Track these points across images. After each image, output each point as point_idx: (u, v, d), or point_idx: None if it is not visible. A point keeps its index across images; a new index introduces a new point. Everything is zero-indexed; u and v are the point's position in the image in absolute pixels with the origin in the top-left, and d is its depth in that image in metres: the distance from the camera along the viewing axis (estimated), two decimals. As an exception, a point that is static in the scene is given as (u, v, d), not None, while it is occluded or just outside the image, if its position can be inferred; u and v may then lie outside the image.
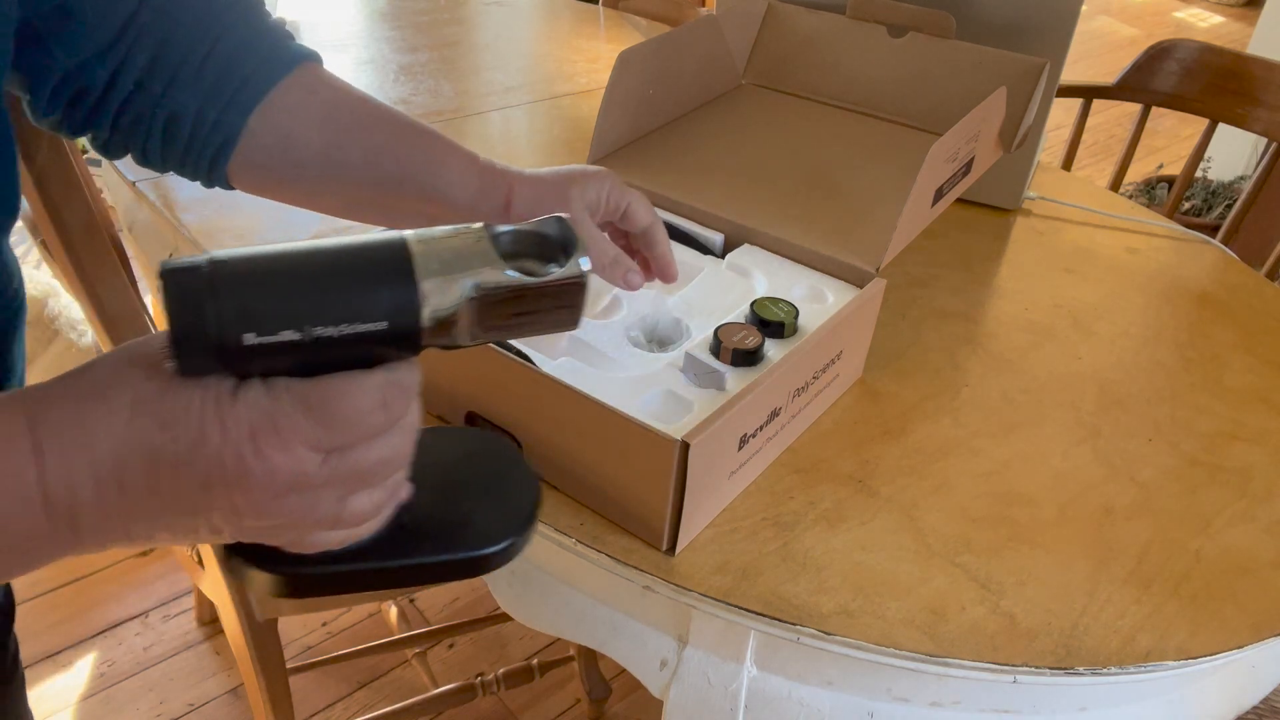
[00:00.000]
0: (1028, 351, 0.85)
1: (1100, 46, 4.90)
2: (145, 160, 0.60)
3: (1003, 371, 0.82)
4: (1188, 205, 2.72)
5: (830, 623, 0.58)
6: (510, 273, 0.36)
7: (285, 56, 0.59)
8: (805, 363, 0.66)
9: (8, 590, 0.62)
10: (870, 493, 0.68)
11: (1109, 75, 1.50)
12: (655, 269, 0.67)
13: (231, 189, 0.61)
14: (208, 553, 1.06)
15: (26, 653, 1.06)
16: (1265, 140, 1.39)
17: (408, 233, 0.36)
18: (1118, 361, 0.85)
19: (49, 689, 1.44)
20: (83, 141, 0.62)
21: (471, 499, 0.44)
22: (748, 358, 0.65)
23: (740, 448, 0.63)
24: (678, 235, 0.82)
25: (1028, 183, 1.09)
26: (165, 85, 0.56)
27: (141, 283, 1.30)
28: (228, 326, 0.32)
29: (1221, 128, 1.41)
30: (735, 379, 0.64)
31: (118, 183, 1.05)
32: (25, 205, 0.87)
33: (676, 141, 0.95)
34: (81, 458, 0.32)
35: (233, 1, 0.58)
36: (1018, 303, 0.93)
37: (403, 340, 0.36)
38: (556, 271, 0.37)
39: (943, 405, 0.77)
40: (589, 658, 1.42)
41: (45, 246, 0.92)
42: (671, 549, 0.61)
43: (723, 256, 0.79)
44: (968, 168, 0.86)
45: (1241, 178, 2.84)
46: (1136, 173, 3.04)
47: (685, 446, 0.56)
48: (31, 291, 1.75)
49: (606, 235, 0.65)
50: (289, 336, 0.33)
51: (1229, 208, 2.65)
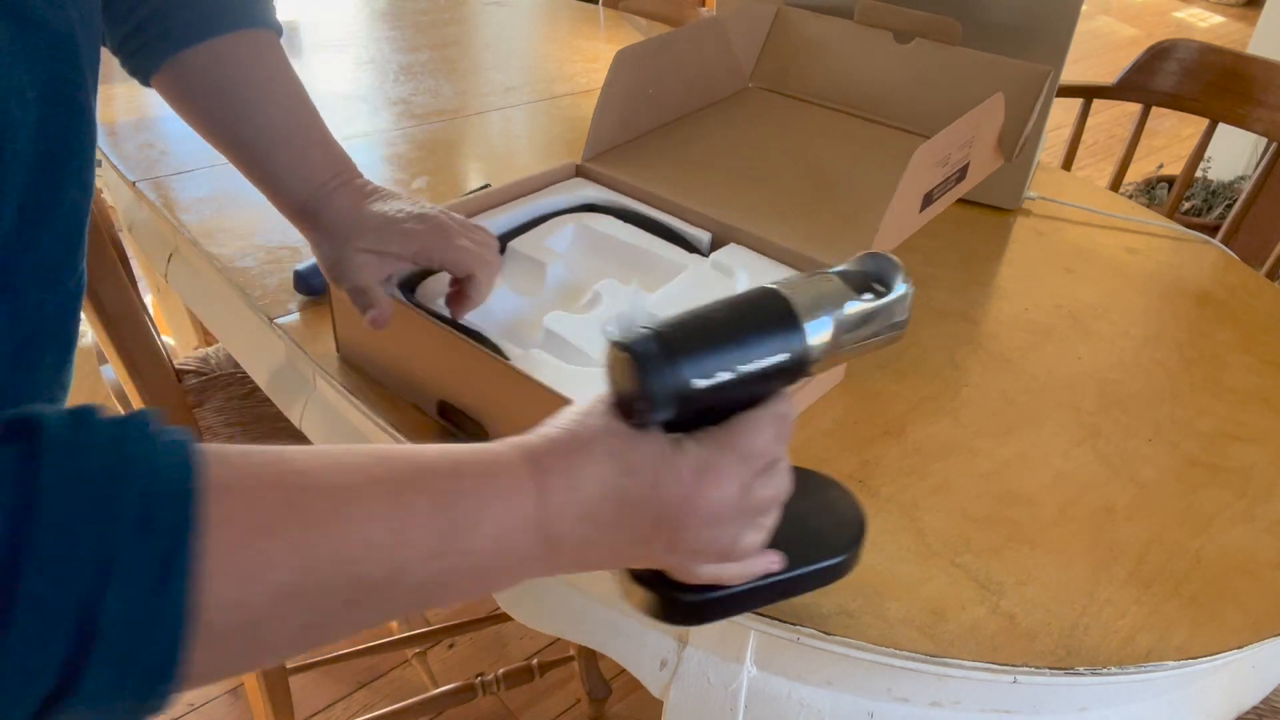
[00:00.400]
0: (1028, 351, 0.85)
1: (1100, 46, 4.90)
2: None
3: (1003, 371, 0.82)
4: (1188, 205, 2.72)
5: (830, 623, 0.58)
6: (861, 300, 0.47)
7: (213, 22, 0.66)
8: None
9: None
10: (870, 493, 0.68)
11: (1109, 75, 1.50)
12: (453, 309, 0.69)
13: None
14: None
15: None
16: (1265, 140, 1.39)
17: (777, 286, 0.47)
18: (1118, 361, 0.85)
19: (49, 689, 1.44)
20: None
21: (812, 519, 0.54)
22: None
23: None
24: (664, 233, 0.82)
25: (1028, 183, 1.09)
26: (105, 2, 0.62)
27: (141, 282, 1.30)
28: (683, 376, 0.42)
29: (1221, 128, 1.41)
30: None
31: (118, 183, 1.05)
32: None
33: (675, 141, 0.95)
34: (571, 498, 0.41)
35: None
36: (1018, 303, 0.93)
37: (795, 367, 0.46)
38: (894, 294, 0.48)
39: (943, 405, 0.77)
40: (589, 658, 1.42)
41: (45, 246, 0.92)
42: None
43: (709, 255, 0.79)
44: (962, 173, 0.86)
45: (1241, 178, 2.84)
46: (1136, 173, 3.04)
47: None
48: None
49: (382, 285, 0.67)
50: (723, 377, 0.43)
51: (1229, 208, 2.65)
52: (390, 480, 0.38)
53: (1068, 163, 1.51)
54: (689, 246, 0.81)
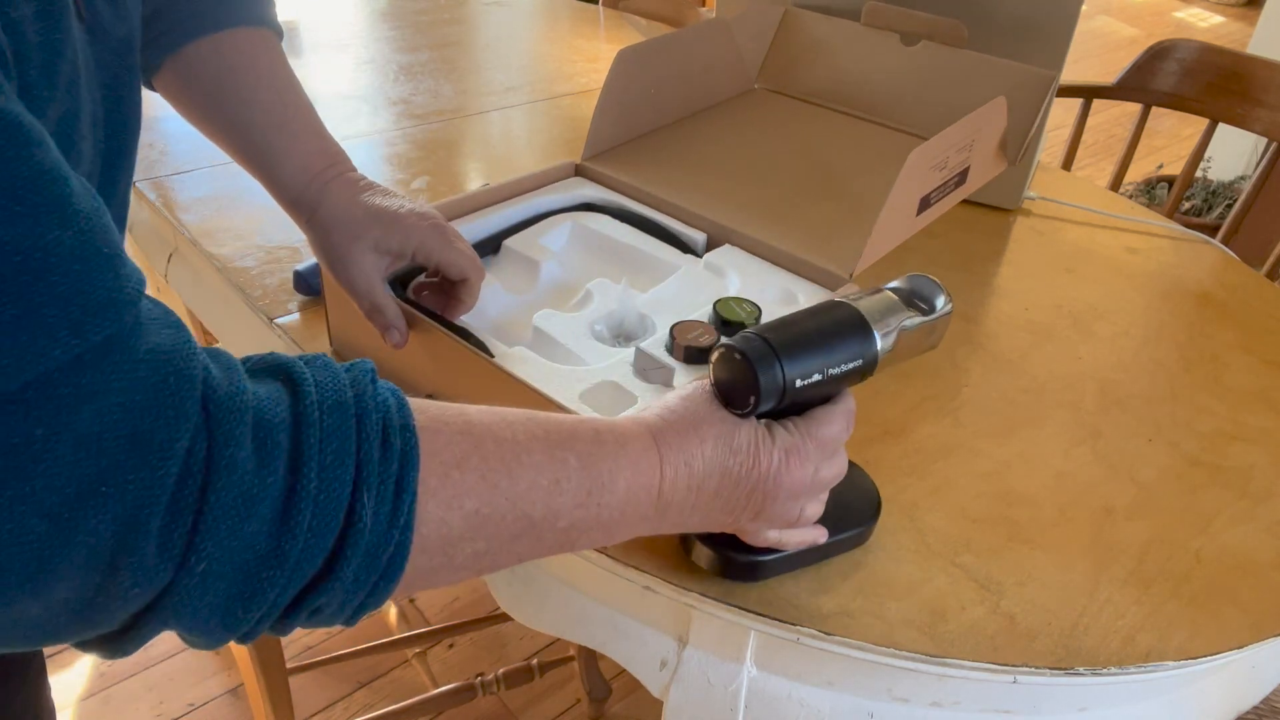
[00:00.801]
0: (1028, 351, 0.85)
1: (1100, 46, 4.90)
2: None
3: (1003, 371, 0.82)
4: (1188, 205, 2.72)
5: (830, 623, 0.58)
6: (917, 316, 0.56)
7: (215, 17, 0.67)
8: None
9: None
10: (870, 493, 0.68)
11: (1109, 75, 1.50)
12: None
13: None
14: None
15: (26, 653, 1.06)
16: (1265, 140, 1.39)
17: (847, 300, 0.55)
18: (1118, 361, 0.85)
19: (49, 689, 1.44)
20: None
21: (839, 493, 0.60)
22: (700, 355, 0.65)
23: None
24: (659, 233, 0.82)
25: (1028, 183, 1.09)
26: None
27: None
28: (788, 375, 0.50)
29: (1221, 128, 1.41)
30: (685, 376, 0.64)
31: (117, 183, 1.05)
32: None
33: (676, 141, 0.95)
34: (684, 471, 0.49)
35: None
36: (1018, 303, 0.93)
37: (867, 370, 0.54)
38: (939, 310, 0.57)
39: (943, 405, 0.77)
40: (589, 658, 1.42)
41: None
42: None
43: (703, 256, 0.79)
44: (961, 177, 0.85)
45: (1241, 178, 2.84)
46: (1136, 173, 3.04)
47: None
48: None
49: (385, 286, 0.67)
50: (815, 378, 0.52)
51: (1229, 208, 2.65)
52: (547, 439, 0.44)
53: (1068, 163, 1.51)
54: (684, 247, 0.81)
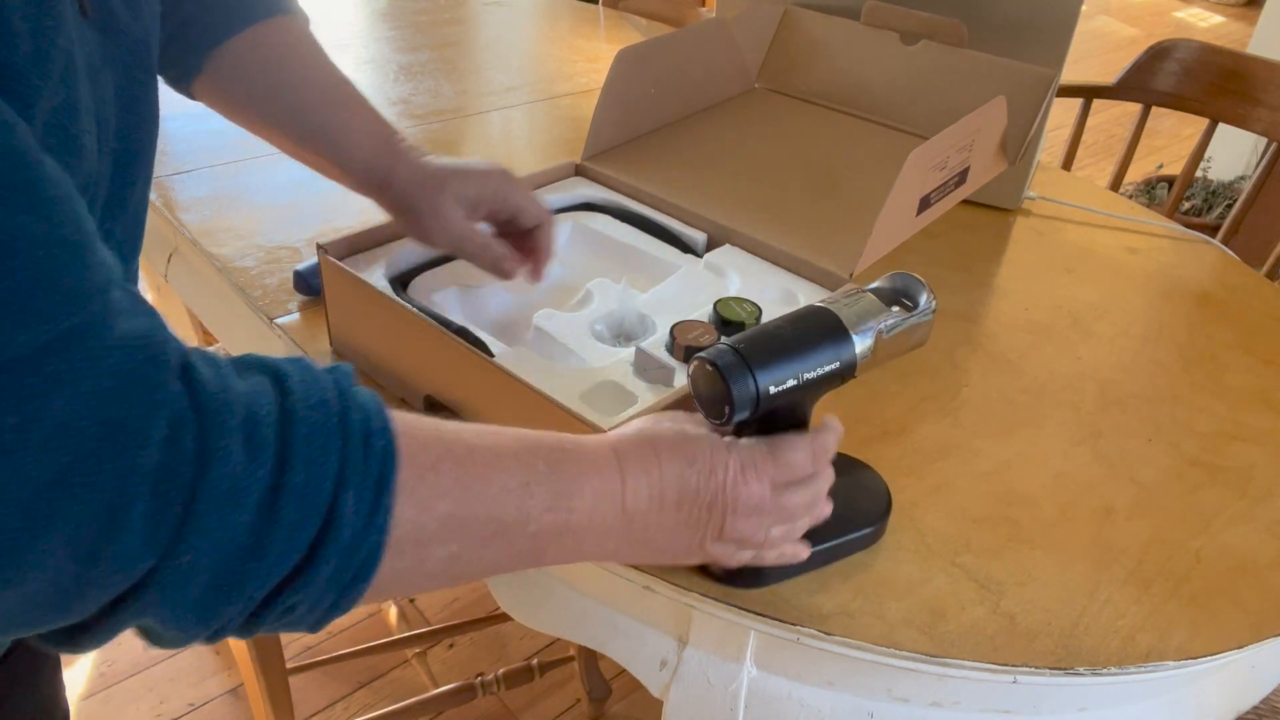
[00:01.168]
0: (1028, 351, 0.85)
1: (1100, 46, 4.90)
2: None
3: (1003, 371, 0.82)
4: (1188, 205, 2.72)
5: (830, 623, 0.58)
6: (896, 314, 0.56)
7: (251, 9, 0.68)
8: None
9: None
10: (870, 493, 0.68)
11: (1109, 75, 1.50)
12: (532, 265, 0.72)
13: (195, 99, 0.72)
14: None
15: (26, 653, 1.06)
16: (1265, 140, 1.39)
17: (825, 304, 0.55)
18: (1118, 361, 0.85)
19: (49, 689, 1.44)
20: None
21: (847, 495, 0.61)
22: None
23: None
24: (660, 233, 0.82)
25: (1028, 183, 1.09)
26: None
27: (141, 282, 1.29)
28: (762, 384, 0.51)
29: (1221, 128, 1.41)
30: (685, 376, 0.64)
31: (117, 183, 1.05)
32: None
33: (677, 141, 0.95)
34: (644, 480, 0.49)
35: None
36: (1018, 303, 0.93)
37: (845, 373, 0.54)
38: (921, 306, 0.57)
39: (943, 405, 0.77)
40: (589, 658, 1.42)
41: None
42: None
43: (703, 256, 0.79)
44: (962, 177, 0.85)
45: (1241, 178, 2.84)
46: (1136, 173, 3.04)
47: None
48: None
49: (480, 227, 0.70)
50: (790, 384, 0.52)
51: (1229, 208, 2.65)
52: (516, 444, 0.46)
53: (1068, 163, 1.51)
54: (684, 247, 0.81)
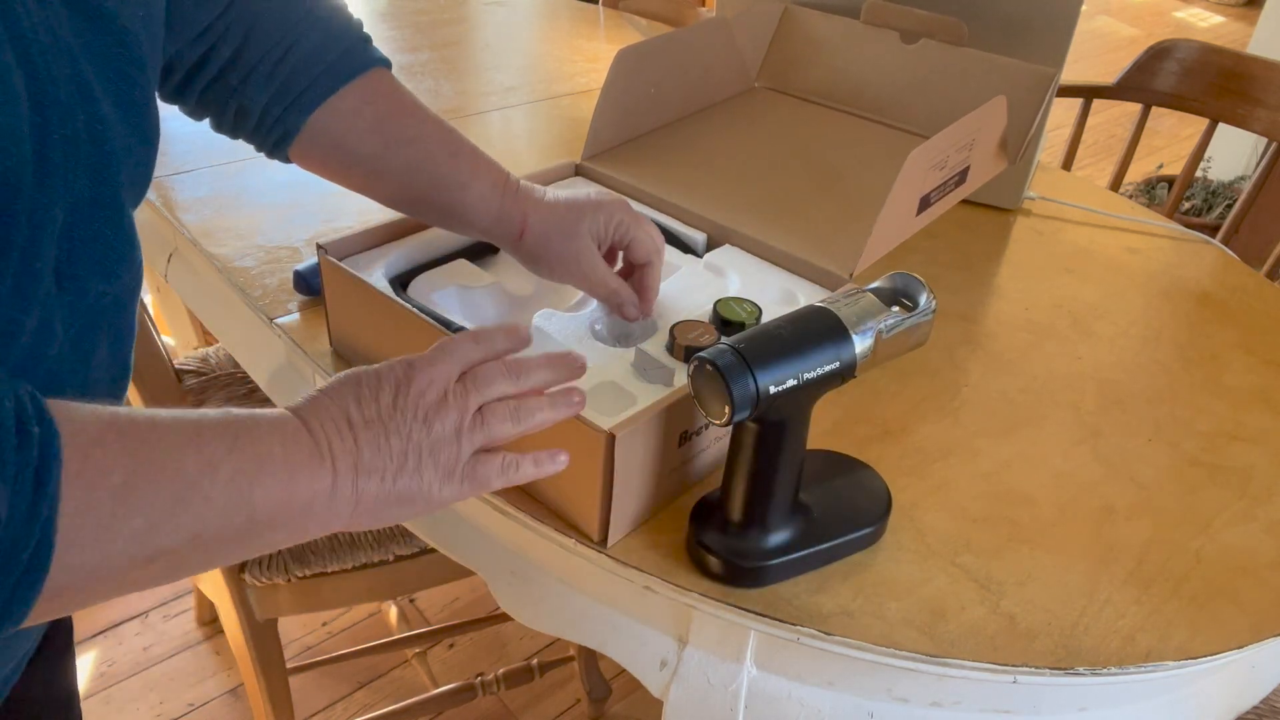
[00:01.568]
0: (1028, 351, 0.85)
1: (1100, 46, 4.90)
2: (218, 129, 0.69)
3: (1003, 371, 0.82)
4: (1188, 205, 2.72)
5: (830, 623, 0.58)
6: (896, 314, 0.56)
7: (351, 64, 0.67)
8: None
9: None
10: (870, 493, 0.68)
11: (1109, 75, 1.50)
12: (641, 302, 0.71)
13: (291, 163, 0.70)
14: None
15: (26, 653, 1.06)
16: (1265, 140, 1.39)
17: (825, 304, 0.56)
18: (1118, 361, 0.85)
19: (49, 689, 1.44)
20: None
21: (847, 495, 0.63)
22: None
23: (681, 444, 0.63)
24: (661, 233, 0.82)
25: (1028, 183, 1.09)
26: (241, 80, 0.65)
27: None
28: (762, 384, 0.52)
29: (1221, 128, 1.41)
30: (685, 376, 0.64)
31: (118, 183, 1.05)
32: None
33: (677, 141, 0.95)
34: (323, 402, 0.47)
35: (315, 3, 0.66)
36: (1018, 303, 0.93)
37: (845, 373, 0.55)
38: (921, 306, 0.57)
39: (943, 405, 0.77)
40: (589, 658, 1.42)
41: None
42: (603, 540, 0.62)
43: (703, 256, 0.79)
44: (962, 177, 0.85)
45: (1241, 178, 2.84)
46: (1136, 173, 3.04)
47: (612, 438, 0.56)
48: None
49: (607, 267, 0.69)
50: (790, 384, 0.53)
51: (1229, 208, 2.65)
52: (178, 410, 0.44)
53: (1068, 163, 1.51)
54: (684, 247, 0.81)
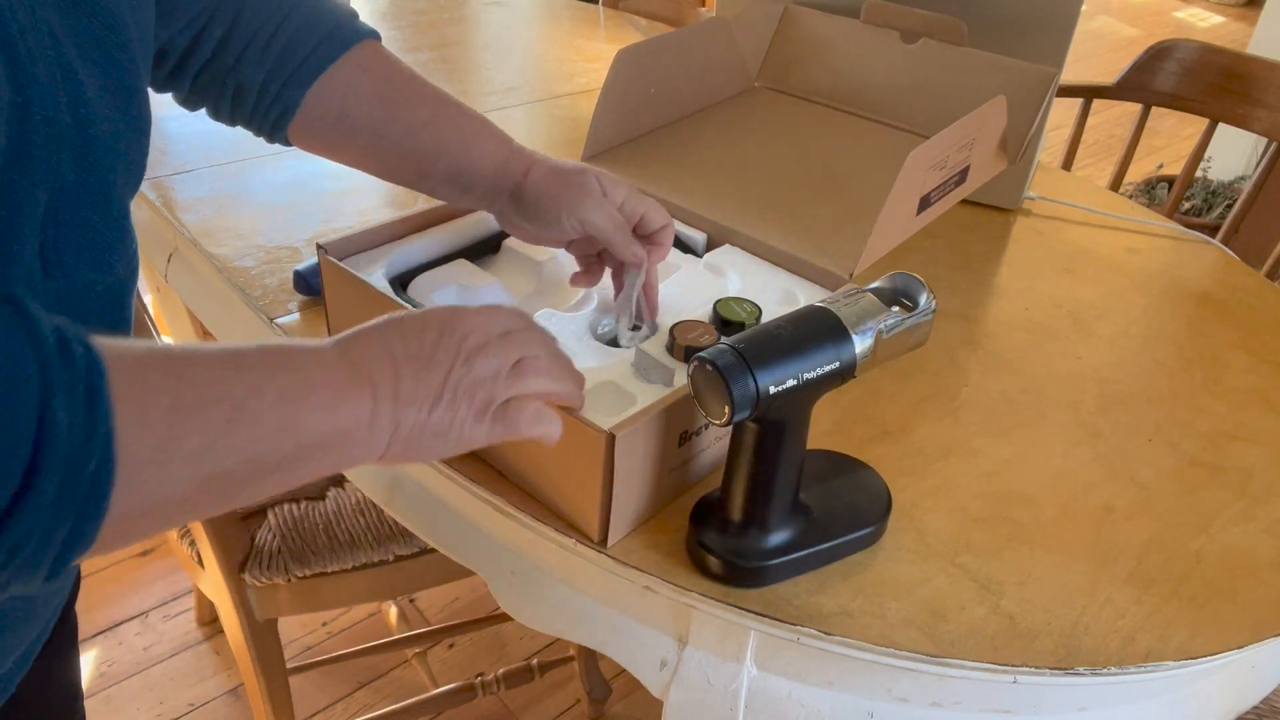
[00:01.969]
0: (1028, 351, 0.85)
1: (1100, 46, 4.90)
2: (216, 116, 0.69)
3: (1003, 371, 0.82)
4: (1188, 205, 2.72)
5: (830, 623, 0.58)
6: (896, 314, 0.56)
7: (344, 36, 0.67)
8: None
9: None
10: (870, 493, 0.68)
11: (1109, 75, 1.50)
12: (650, 253, 0.71)
13: (290, 145, 0.70)
14: (208, 553, 1.06)
15: (26, 653, 1.06)
16: (1265, 140, 1.39)
17: (825, 305, 0.56)
18: (1118, 361, 0.85)
19: (49, 689, 1.44)
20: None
21: (847, 495, 0.64)
22: None
23: (681, 444, 0.63)
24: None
25: (1028, 183, 1.09)
26: (235, 59, 0.65)
27: (141, 282, 1.29)
28: (762, 384, 0.52)
29: (1221, 128, 1.41)
30: (685, 376, 0.64)
31: (118, 183, 1.05)
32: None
33: (677, 141, 0.95)
34: (359, 330, 0.48)
35: None
36: (1018, 303, 0.93)
37: (845, 373, 0.55)
38: (921, 306, 0.57)
39: (943, 405, 0.77)
40: (589, 658, 1.42)
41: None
42: (604, 540, 0.62)
43: (703, 256, 0.79)
44: (962, 176, 0.85)
45: (1241, 178, 2.84)
46: (1136, 173, 3.04)
47: (612, 438, 0.56)
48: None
49: (611, 210, 0.68)
50: (790, 384, 0.53)
51: (1229, 208, 2.65)
52: (215, 345, 0.44)
53: (1068, 163, 1.51)
54: (684, 247, 0.81)
